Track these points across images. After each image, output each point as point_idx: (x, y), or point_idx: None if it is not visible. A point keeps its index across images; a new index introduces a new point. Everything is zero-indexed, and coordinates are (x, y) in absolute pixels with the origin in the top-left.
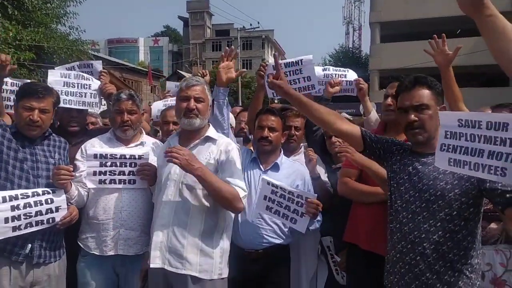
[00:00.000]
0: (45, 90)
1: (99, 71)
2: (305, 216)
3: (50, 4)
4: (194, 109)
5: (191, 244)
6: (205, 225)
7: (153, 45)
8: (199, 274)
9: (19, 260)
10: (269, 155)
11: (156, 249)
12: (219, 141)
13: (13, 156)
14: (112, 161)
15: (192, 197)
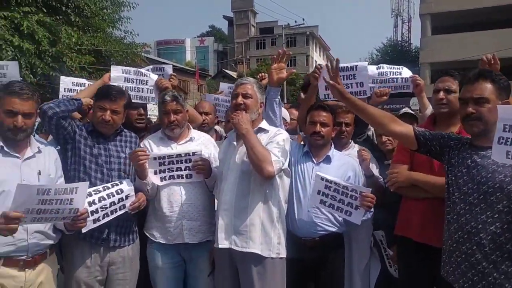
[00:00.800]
0: (118, 93)
1: (169, 74)
2: (359, 209)
3: (106, 10)
4: (241, 104)
5: (253, 225)
6: (263, 208)
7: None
8: (261, 252)
9: (98, 244)
10: (321, 149)
11: (222, 232)
12: (271, 131)
13: (89, 152)
14: (170, 160)
15: (250, 183)
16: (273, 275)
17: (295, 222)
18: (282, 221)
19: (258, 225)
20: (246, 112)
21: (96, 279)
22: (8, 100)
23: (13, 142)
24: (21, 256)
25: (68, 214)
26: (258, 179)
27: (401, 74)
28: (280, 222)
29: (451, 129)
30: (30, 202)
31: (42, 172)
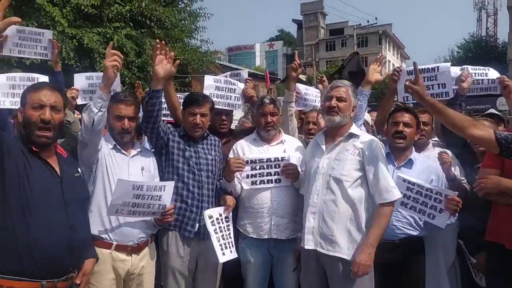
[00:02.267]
0: (203, 98)
1: (245, 78)
2: (444, 212)
3: (185, 22)
4: (334, 107)
5: (340, 230)
6: (352, 213)
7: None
8: (348, 257)
9: (191, 236)
10: (402, 152)
11: (309, 233)
12: (362, 137)
13: (182, 155)
14: (260, 164)
15: (338, 188)
16: (362, 279)
17: None
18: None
19: (345, 230)
20: (338, 114)
21: (187, 268)
22: (116, 107)
23: (122, 142)
24: (128, 242)
25: (157, 209)
26: (348, 185)
27: (487, 76)
28: (369, 226)
29: None
30: (127, 195)
31: (144, 168)
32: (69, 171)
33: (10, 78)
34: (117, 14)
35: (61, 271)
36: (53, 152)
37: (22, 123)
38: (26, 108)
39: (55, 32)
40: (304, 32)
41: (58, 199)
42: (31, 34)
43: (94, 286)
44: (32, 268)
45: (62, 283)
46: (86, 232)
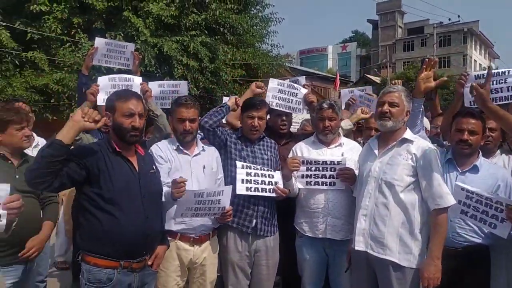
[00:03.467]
0: (261, 102)
1: (303, 84)
2: (506, 221)
3: (256, 27)
4: (386, 112)
5: (391, 233)
6: (404, 218)
7: (341, 52)
8: (399, 261)
9: (248, 232)
10: (467, 157)
11: (359, 235)
12: (416, 142)
13: (239, 154)
14: (316, 166)
15: (390, 192)
16: (414, 283)
17: None
18: (425, 233)
19: (396, 234)
20: (390, 120)
21: (245, 262)
22: (178, 110)
23: (185, 143)
24: (191, 234)
25: (217, 211)
26: (400, 190)
27: None
28: (424, 232)
29: None
30: (190, 202)
31: (206, 166)
32: (146, 168)
33: (112, 79)
34: (194, 22)
35: (136, 254)
36: (133, 151)
37: (112, 126)
38: (117, 115)
39: (138, 41)
40: (380, 32)
41: (136, 192)
42: (117, 46)
43: (162, 271)
44: (113, 250)
45: (136, 264)
46: (159, 222)
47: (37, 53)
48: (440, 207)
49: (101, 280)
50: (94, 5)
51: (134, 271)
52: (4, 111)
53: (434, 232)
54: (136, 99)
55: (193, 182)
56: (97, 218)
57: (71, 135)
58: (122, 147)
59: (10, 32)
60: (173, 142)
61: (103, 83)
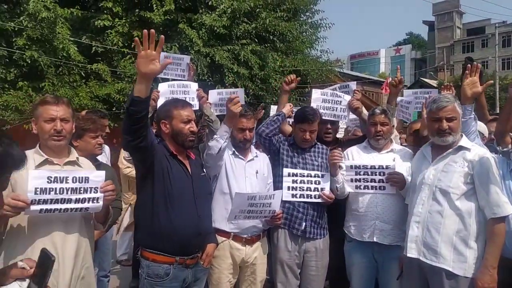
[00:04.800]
0: (313, 116)
1: (353, 89)
2: None
3: (305, 33)
4: (446, 129)
5: (445, 241)
6: (459, 226)
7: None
8: (453, 269)
9: (298, 234)
10: None
11: (412, 242)
12: (473, 150)
13: (290, 161)
14: (365, 170)
15: (445, 200)
16: None
17: (505, 243)
18: (481, 242)
19: (450, 243)
20: (451, 135)
21: (295, 262)
22: (240, 121)
23: (240, 148)
24: (243, 234)
25: (268, 214)
26: (455, 197)
27: None
28: (480, 241)
29: None
30: (243, 205)
31: (258, 171)
32: (197, 171)
33: (171, 85)
34: (244, 31)
35: (190, 251)
36: (185, 156)
37: (171, 133)
38: (175, 121)
39: (192, 51)
40: (437, 33)
41: (190, 194)
42: (174, 59)
43: (216, 268)
44: (170, 247)
45: (190, 260)
46: (209, 221)
47: (100, 65)
48: (497, 216)
49: (159, 275)
50: (152, 19)
51: (188, 266)
52: (83, 121)
53: (490, 241)
54: (190, 107)
55: (246, 185)
56: (157, 216)
57: (145, 87)
58: (178, 151)
59: (77, 47)
60: (229, 147)
61: (163, 89)
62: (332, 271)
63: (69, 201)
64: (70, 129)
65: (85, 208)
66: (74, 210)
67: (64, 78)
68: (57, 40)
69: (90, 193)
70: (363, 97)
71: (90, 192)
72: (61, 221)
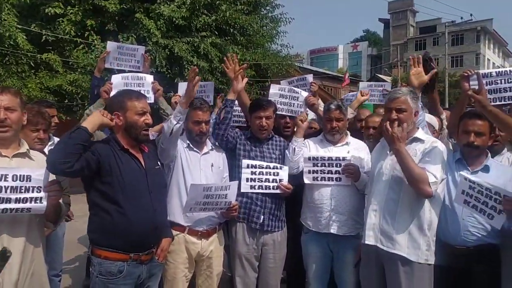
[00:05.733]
0: (267, 102)
1: (310, 82)
2: (502, 213)
3: (266, 27)
4: (395, 119)
5: (400, 229)
6: (413, 213)
7: (352, 51)
8: (407, 255)
9: (257, 227)
10: (476, 157)
11: (369, 229)
12: (427, 141)
13: (248, 155)
14: (322, 162)
15: (400, 189)
16: (421, 279)
17: (448, 229)
18: (433, 229)
19: (405, 230)
20: (400, 126)
21: (253, 255)
22: (195, 113)
23: (196, 142)
24: (199, 228)
25: (223, 205)
26: (408, 188)
27: None
28: (432, 228)
29: None
30: (199, 196)
31: (214, 164)
32: (151, 164)
33: (125, 78)
34: (204, 24)
35: (145, 246)
36: (138, 149)
37: (124, 125)
38: (130, 113)
39: (149, 43)
40: (392, 31)
41: (144, 187)
42: (128, 49)
43: (171, 263)
44: (124, 243)
45: (145, 256)
46: (165, 215)
47: (51, 55)
48: None
49: (112, 272)
50: (107, 7)
51: (142, 262)
52: None
53: None
54: (145, 99)
55: (201, 178)
56: (108, 213)
57: (94, 125)
58: (129, 144)
59: (26, 35)
60: (183, 140)
61: (116, 81)
62: (289, 261)
63: (8, 201)
64: (16, 119)
65: (27, 208)
66: (15, 210)
67: (11, 68)
68: (3, 27)
69: (33, 192)
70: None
71: (33, 192)
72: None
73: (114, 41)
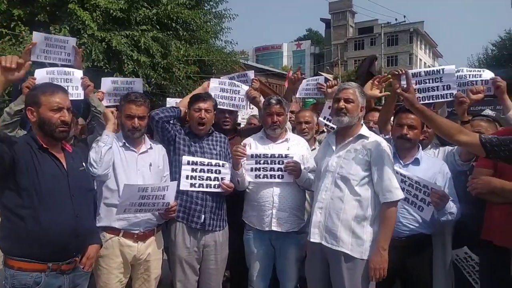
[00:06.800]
0: (207, 95)
1: (251, 78)
2: (430, 205)
3: (210, 23)
4: (342, 108)
5: (344, 226)
6: (357, 211)
7: (296, 49)
8: (350, 252)
9: (197, 228)
10: (408, 151)
11: (315, 227)
12: (372, 138)
13: (188, 150)
14: (265, 159)
15: (346, 186)
16: (364, 275)
17: None
18: (377, 226)
19: (349, 227)
20: (346, 115)
21: (194, 258)
22: (128, 107)
23: (132, 139)
24: (135, 230)
25: (161, 206)
26: (354, 183)
27: (481, 77)
28: (375, 225)
29: None
30: (134, 197)
31: (152, 164)
32: (75, 166)
33: (50, 72)
34: (144, 17)
35: (65, 255)
36: (60, 148)
37: (38, 122)
38: (43, 109)
39: (85, 35)
40: (332, 31)
41: (65, 191)
42: (57, 41)
43: (104, 268)
44: (40, 252)
45: (66, 266)
46: (90, 221)
47: None
48: (389, 201)
49: (27, 285)
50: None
51: (64, 272)
52: None
53: (383, 225)
54: (63, 93)
55: (138, 179)
56: (22, 218)
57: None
58: (49, 143)
59: None
60: (119, 138)
61: (40, 76)
62: (233, 260)
63: None
64: None
65: None
66: None
67: None
68: None
69: None
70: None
71: None
72: None
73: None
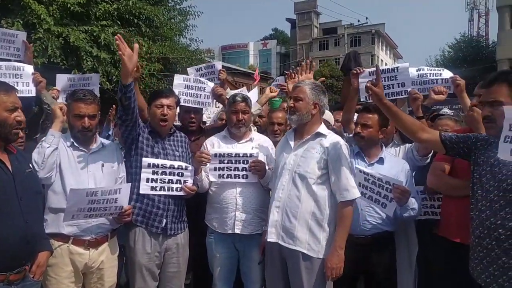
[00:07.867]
0: (169, 91)
1: (219, 70)
2: (393, 201)
3: (174, 20)
4: (291, 107)
5: (301, 225)
6: (314, 210)
7: (262, 49)
8: (307, 251)
9: (158, 232)
10: (372, 150)
11: (272, 227)
12: (329, 137)
13: (150, 151)
14: (229, 159)
15: (303, 185)
16: (321, 274)
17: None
18: (333, 225)
19: (306, 226)
20: (295, 114)
21: (154, 264)
22: (76, 106)
23: (83, 140)
24: (86, 236)
25: (114, 211)
26: (312, 182)
27: (441, 75)
28: (332, 224)
29: None
30: (82, 202)
31: (105, 164)
32: (21, 168)
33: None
34: (105, 12)
35: (14, 264)
36: (3, 150)
37: None
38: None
39: (40, 30)
40: (298, 31)
41: (11, 195)
42: (5, 35)
43: (53, 278)
44: None
45: (14, 276)
46: (40, 226)
47: None
48: (346, 200)
49: None
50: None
51: (11, 283)
52: None
53: (339, 224)
54: (16, 92)
55: (89, 181)
56: None
57: None
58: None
59: None
60: (67, 138)
61: None
62: (195, 263)
63: None
64: None
65: None
66: None
67: None
68: None
69: None
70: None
71: None
72: None
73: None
